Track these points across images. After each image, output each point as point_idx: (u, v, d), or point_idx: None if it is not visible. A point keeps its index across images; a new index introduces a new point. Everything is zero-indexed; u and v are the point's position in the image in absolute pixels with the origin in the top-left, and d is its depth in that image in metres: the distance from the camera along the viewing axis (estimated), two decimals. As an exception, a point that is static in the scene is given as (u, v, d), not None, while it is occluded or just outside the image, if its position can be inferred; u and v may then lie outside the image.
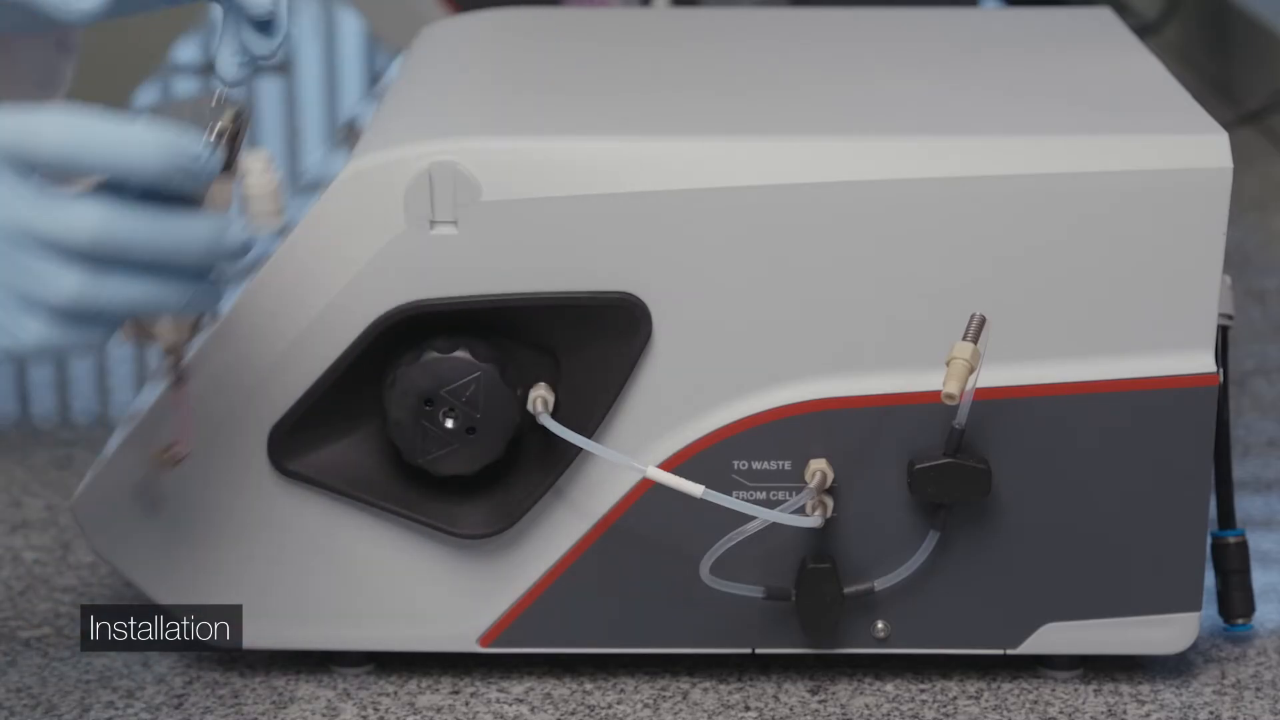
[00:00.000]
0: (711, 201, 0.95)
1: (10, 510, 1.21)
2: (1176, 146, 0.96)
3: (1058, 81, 1.07)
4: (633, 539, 0.99)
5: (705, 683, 1.02)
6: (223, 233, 0.85)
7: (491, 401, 0.96)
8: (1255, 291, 1.53)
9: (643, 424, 0.98)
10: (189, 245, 0.84)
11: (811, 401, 0.97)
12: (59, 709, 1.00)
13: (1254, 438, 1.29)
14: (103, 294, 0.83)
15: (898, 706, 1.00)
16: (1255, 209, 1.72)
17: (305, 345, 0.97)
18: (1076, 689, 1.01)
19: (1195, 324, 0.97)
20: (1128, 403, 0.97)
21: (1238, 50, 2.03)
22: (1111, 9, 1.23)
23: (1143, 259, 0.96)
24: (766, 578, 0.99)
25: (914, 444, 0.97)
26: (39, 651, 1.05)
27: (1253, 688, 1.02)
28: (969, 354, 0.93)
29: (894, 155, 0.96)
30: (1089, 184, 0.95)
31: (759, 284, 0.96)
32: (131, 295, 0.84)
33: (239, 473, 0.99)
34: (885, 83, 1.07)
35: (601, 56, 1.13)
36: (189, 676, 1.03)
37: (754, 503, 0.97)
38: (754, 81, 1.07)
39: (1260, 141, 1.88)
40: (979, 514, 0.98)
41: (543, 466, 0.98)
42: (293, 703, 1.01)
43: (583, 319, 0.97)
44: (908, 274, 0.96)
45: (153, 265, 0.84)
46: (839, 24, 1.22)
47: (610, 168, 0.95)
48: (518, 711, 1.00)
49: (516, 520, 0.99)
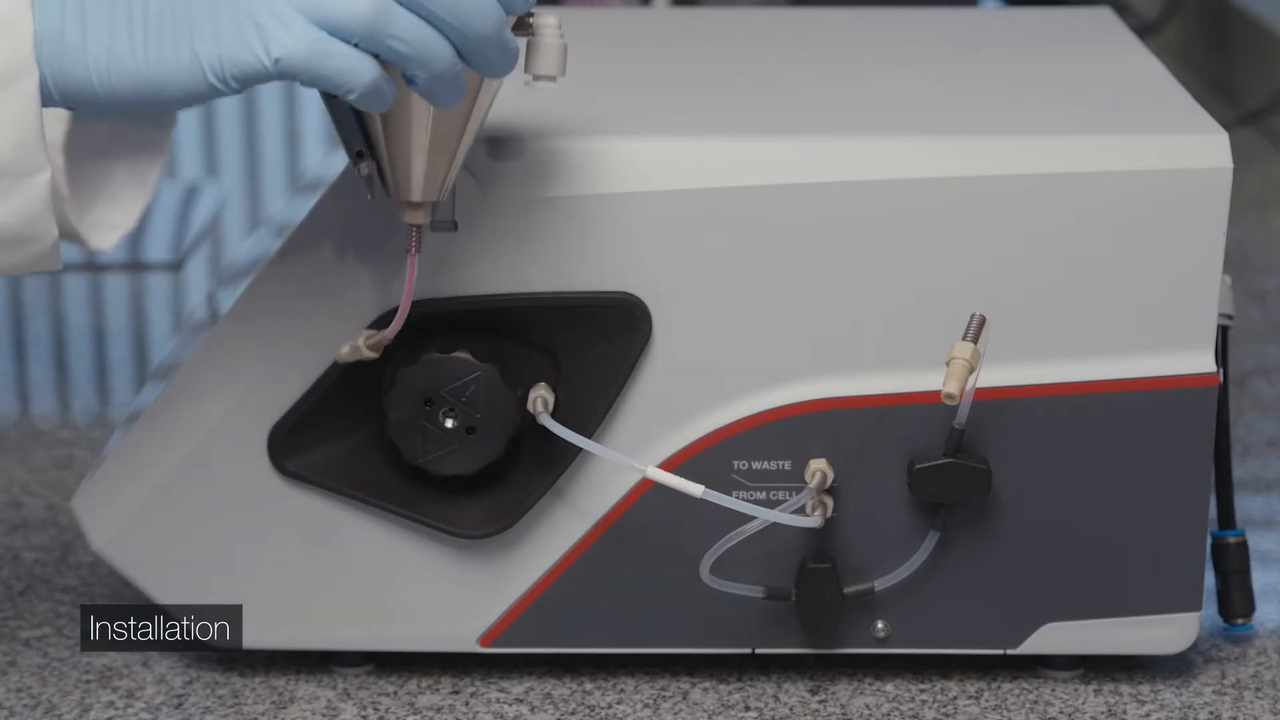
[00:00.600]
0: (711, 201, 0.95)
1: (10, 510, 1.21)
2: (1176, 146, 0.96)
3: (1058, 81, 1.07)
4: (633, 539, 0.99)
5: (705, 683, 1.02)
6: (507, 26, 0.86)
7: (491, 401, 0.96)
8: (1255, 291, 1.53)
9: (643, 424, 0.98)
10: (485, 16, 0.84)
11: (811, 401, 0.97)
12: (59, 709, 1.00)
13: (1254, 438, 1.30)
14: (395, 21, 0.83)
15: (898, 706, 1.00)
16: (1255, 209, 1.72)
17: (305, 345, 0.97)
18: (1076, 689, 1.01)
19: (1195, 324, 0.97)
20: (1128, 403, 0.97)
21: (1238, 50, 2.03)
22: (1111, 9, 1.23)
23: (1143, 259, 0.96)
24: (766, 578, 0.99)
25: (914, 444, 0.97)
26: (39, 651, 1.05)
27: (1253, 688, 1.02)
28: (969, 354, 0.93)
29: (894, 155, 0.96)
30: (1089, 184, 0.95)
31: (759, 284, 0.96)
32: (417, 33, 0.83)
33: (239, 473, 0.99)
34: (885, 83, 1.07)
35: (601, 56, 1.13)
36: (189, 676, 1.03)
37: (754, 503, 0.97)
38: (754, 81, 1.07)
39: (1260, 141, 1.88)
40: (979, 514, 0.98)
41: (543, 466, 0.98)
42: (293, 703, 1.01)
43: (583, 319, 0.97)
44: (908, 274, 0.96)
45: (440, 21, 0.84)
46: (839, 24, 1.22)
47: (610, 168, 0.95)
48: (518, 711, 1.00)
49: (516, 520, 0.99)
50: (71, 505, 1.02)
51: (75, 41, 0.83)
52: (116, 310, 1.55)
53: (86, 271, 1.58)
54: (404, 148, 0.90)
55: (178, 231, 1.66)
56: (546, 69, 0.91)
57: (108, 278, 1.59)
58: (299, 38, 0.82)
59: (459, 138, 0.90)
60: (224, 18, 0.83)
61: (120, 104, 0.84)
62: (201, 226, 1.67)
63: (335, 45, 0.83)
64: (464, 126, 0.90)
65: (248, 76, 0.83)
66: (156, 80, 0.84)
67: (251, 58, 0.83)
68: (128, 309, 1.56)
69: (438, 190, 0.91)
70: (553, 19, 0.91)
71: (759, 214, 0.96)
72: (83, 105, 0.85)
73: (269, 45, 0.82)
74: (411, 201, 0.91)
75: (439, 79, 0.85)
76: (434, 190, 0.91)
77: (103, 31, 0.83)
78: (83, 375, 1.44)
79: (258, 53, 0.83)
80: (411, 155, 0.90)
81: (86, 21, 0.83)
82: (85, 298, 1.57)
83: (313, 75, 0.83)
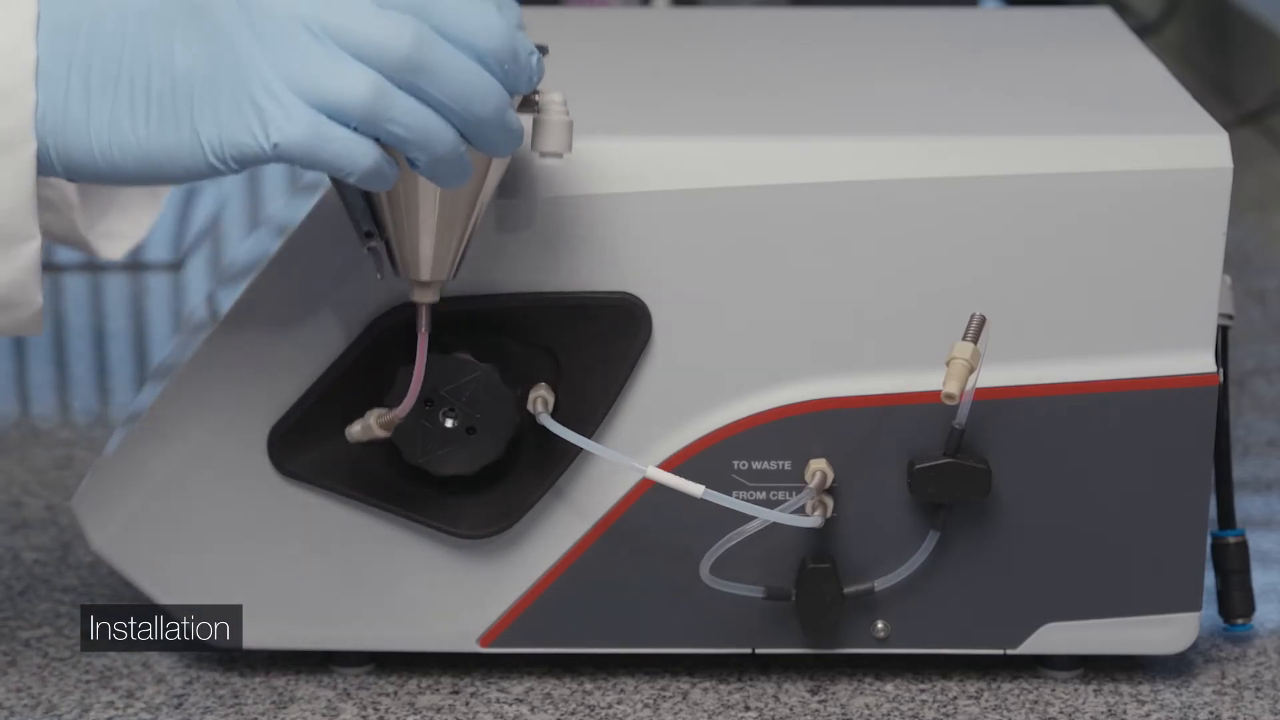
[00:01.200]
0: (711, 201, 0.95)
1: (10, 510, 1.21)
2: (1176, 146, 0.96)
3: (1058, 81, 1.07)
4: (633, 539, 0.99)
5: (705, 683, 1.02)
6: (510, 108, 0.86)
7: (491, 401, 0.96)
8: (1255, 291, 1.53)
9: (643, 424, 0.98)
10: (485, 99, 0.84)
11: (811, 401, 0.97)
12: (59, 709, 1.00)
13: (1254, 438, 1.30)
14: (395, 104, 0.83)
15: (898, 706, 1.00)
16: (1255, 209, 1.72)
17: (305, 345, 0.97)
18: (1076, 689, 1.01)
19: (1195, 324, 0.97)
20: (1128, 403, 0.97)
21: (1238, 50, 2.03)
22: (1111, 9, 1.23)
23: (1143, 259, 0.96)
24: (766, 578, 0.99)
25: (914, 444, 0.97)
26: (39, 651, 1.05)
27: (1253, 688, 1.02)
28: (969, 354, 0.93)
29: (894, 155, 0.96)
30: (1089, 184, 0.95)
31: (759, 284, 0.96)
32: (416, 117, 0.83)
33: (239, 473, 0.99)
34: (885, 83, 1.07)
35: (601, 56, 1.13)
36: (189, 676, 1.03)
37: (754, 503, 0.97)
38: (754, 81, 1.07)
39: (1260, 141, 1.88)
40: (979, 514, 0.98)
41: (543, 466, 0.98)
42: (293, 703, 1.01)
43: (583, 319, 0.97)
44: (908, 274, 0.96)
45: (440, 105, 0.84)
46: (839, 24, 1.22)
47: (611, 167, 0.95)
48: (518, 711, 1.00)
49: (516, 520, 0.99)
50: (71, 505, 1.02)
51: (78, 115, 0.83)
52: (116, 310, 1.55)
53: (86, 271, 1.58)
54: (411, 227, 0.90)
55: (178, 231, 1.66)
56: (553, 146, 0.91)
57: (108, 278, 1.59)
58: (297, 122, 0.82)
59: (467, 216, 0.90)
60: (224, 99, 0.82)
61: (121, 178, 0.84)
62: (201, 226, 1.67)
63: (334, 129, 0.83)
64: (472, 205, 0.90)
65: (247, 158, 0.83)
66: (157, 157, 0.84)
67: (251, 140, 0.82)
68: (128, 309, 1.56)
69: (447, 269, 0.91)
70: (558, 96, 0.91)
71: (759, 214, 0.95)
72: (85, 177, 0.85)
73: (268, 129, 0.82)
74: (421, 281, 0.91)
75: (441, 162, 0.85)
76: (443, 269, 0.91)
77: (105, 106, 0.83)
78: (83, 375, 1.44)
79: (257, 135, 0.82)
80: (419, 235, 0.90)
81: (90, 96, 0.83)
82: (85, 298, 1.57)
83: (311, 160, 0.83)
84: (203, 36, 0.82)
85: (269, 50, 0.82)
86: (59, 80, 0.83)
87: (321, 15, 0.82)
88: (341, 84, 0.82)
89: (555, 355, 0.98)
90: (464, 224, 0.90)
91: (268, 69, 0.82)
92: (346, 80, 0.82)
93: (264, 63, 0.82)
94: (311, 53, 0.82)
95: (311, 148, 0.82)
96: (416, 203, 0.89)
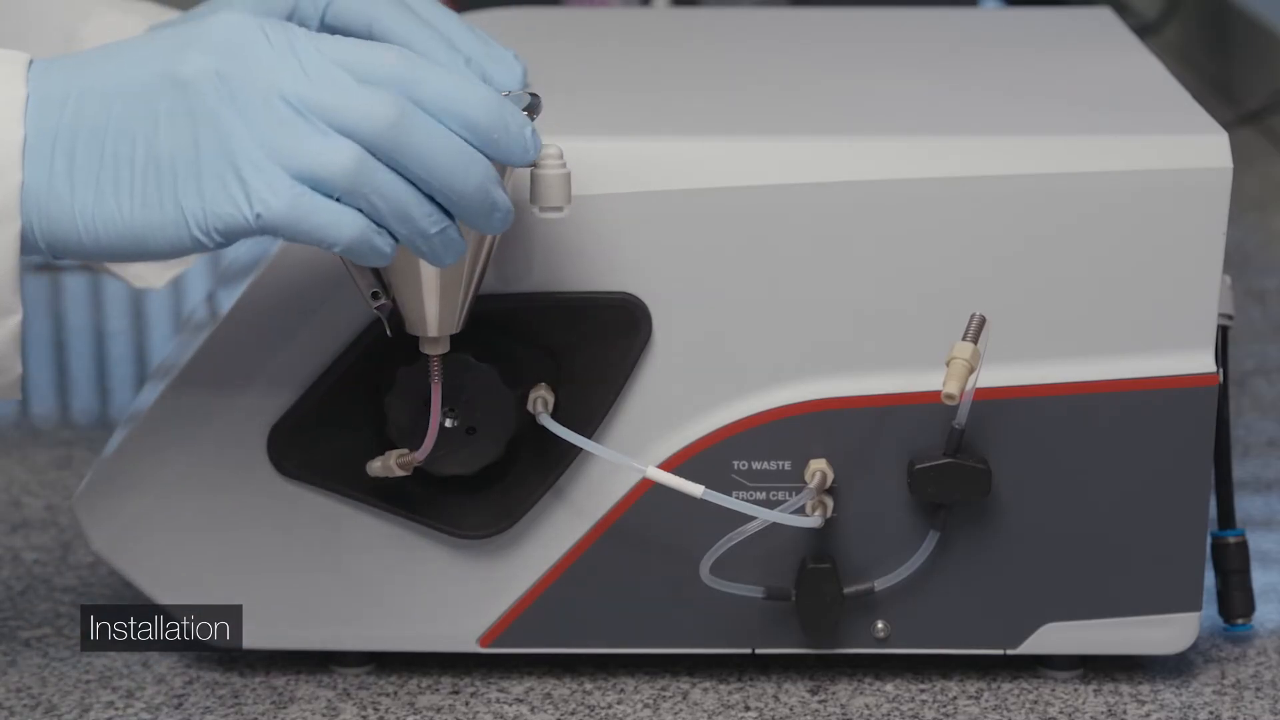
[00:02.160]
0: (711, 201, 0.95)
1: (10, 510, 1.21)
2: (1176, 146, 0.96)
3: (1058, 81, 1.07)
4: (633, 539, 0.99)
5: (705, 683, 1.02)
6: (496, 184, 0.85)
7: (491, 401, 0.96)
8: (1255, 291, 1.53)
9: (643, 424, 0.98)
10: (466, 175, 0.84)
11: (811, 401, 0.97)
12: (59, 709, 1.00)
13: (1254, 438, 1.30)
14: (375, 177, 0.83)
15: (898, 706, 1.00)
16: (1255, 209, 1.72)
17: (305, 345, 0.97)
18: (1076, 689, 1.01)
19: (1195, 324, 0.97)
20: (1128, 403, 0.97)
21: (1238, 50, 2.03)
22: (1111, 9, 1.23)
23: (1143, 259, 0.96)
24: (766, 578, 0.99)
25: (914, 444, 0.97)
26: (39, 651, 1.05)
27: (1253, 688, 1.02)
28: (969, 354, 0.93)
29: (894, 155, 0.96)
30: (1089, 184, 0.95)
31: (759, 284, 0.96)
32: (398, 193, 0.83)
33: (239, 473, 0.99)
34: (885, 83, 1.07)
35: (601, 57, 1.13)
36: (189, 676, 1.03)
37: (754, 503, 0.97)
38: (754, 81, 1.07)
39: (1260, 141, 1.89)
40: (979, 514, 0.98)
41: (543, 466, 0.98)
42: (293, 703, 1.01)
43: (583, 319, 0.97)
44: (908, 274, 0.96)
45: (422, 180, 0.84)
46: (839, 24, 1.22)
47: (611, 167, 0.95)
48: (518, 711, 1.00)
49: (516, 520, 0.99)
50: (71, 505, 1.02)
51: (62, 193, 0.83)
52: (116, 310, 1.55)
53: (86, 271, 1.58)
54: (415, 290, 0.90)
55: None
56: (552, 201, 0.90)
57: (108, 278, 1.59)
58: (280, 193, 0.82)
59: (471, 273, 0.91)
60: (207, 172, 0.83)
61: (106, 254, 0.85)
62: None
63: (317, 200, 0.83)
64: (475, 262, 0.90)
65: (232, 231, 0.83)
66: (141, 232, 0.84)
67: (234, 211, 0.83)
68: (128, 309, 1.56)
69: (454, 324, 0.91)
70: (554, 149, 0.90)
71: (759, 214, 0.96)
72: (69, 253, 0.85)
73: (251, 200, 0.82)
74: (429, 337, 0.92)
75: (421, 236, 0.85)
76: (450, 325, 0.91)
77: (89, 184, 0.83)
78: (83, 375, 1.44)
79: (240, 207, 0.82)
80: (424, 297, 0.90)
81: (74, 174, 0.83)
82: (85, 298, 1.57)
83: (294, 230, 0.83)
84: (186, 112, 0.83)
85: (251, 124, 0.82)
86: (43, 158, 0.83)
87: (302, 90, 0.83)
88: (323, 156, 0.82)
89: (555, 355, 0.98)
90: (468, 282, 0.91)
91: (250, 142, 0.82)
92: (328, 152, 0.82)
93: (246, 136, 0.82)
94: (293, 126, 0.82)
95: (294, 218, 0.83)
96: (418, 266, 0.89)
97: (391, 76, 0.84)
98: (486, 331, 0.97)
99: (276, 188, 0.82)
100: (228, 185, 0.82)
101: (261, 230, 0.83)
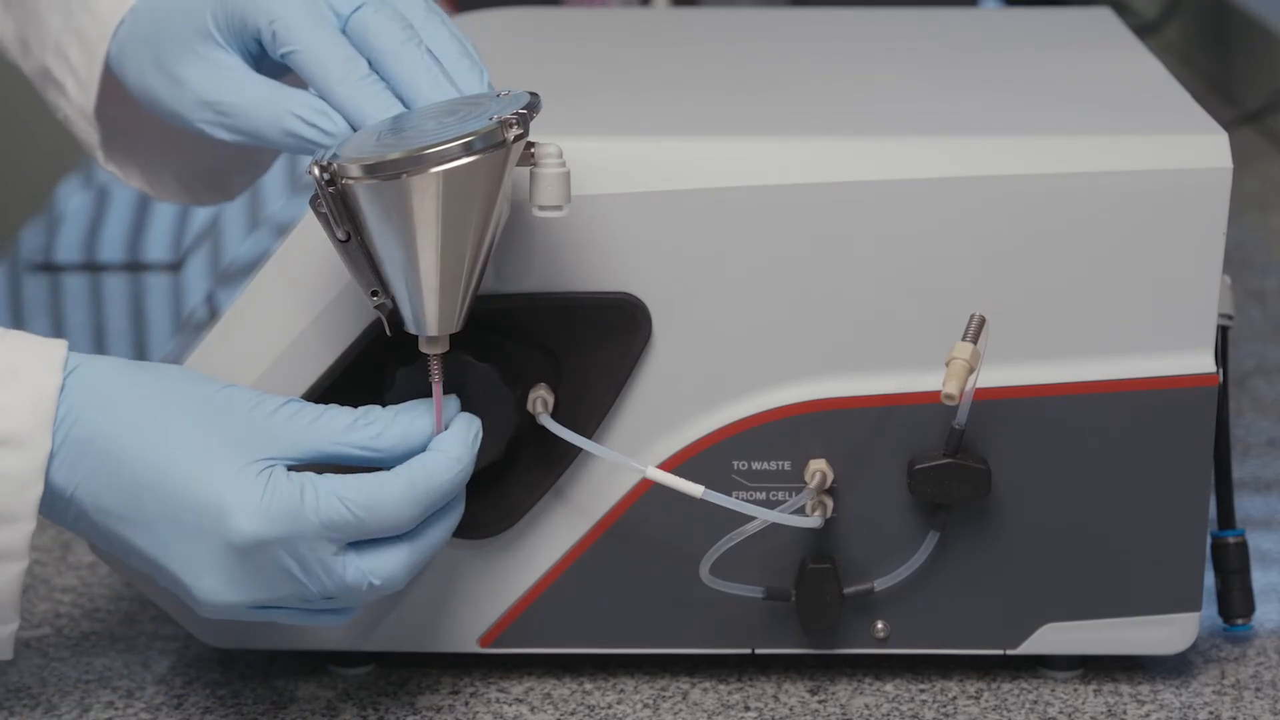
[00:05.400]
0: (711, 201, 0.95)
1: (10, 510, 1.21)
2: (1176, 146, 0.96)
3: (1058, 81, 1.07)
4: (633, 539, 0.99)
5: (705, 683, 1.02)
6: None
7: (491, 401, 0.96)
8: (1255, 291, 1.53)
9: (643, 424, 0.98)
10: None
11: (811, 401, 0.97)
12: (59, 709, 1.00)
13: (1254, 438, 1.30)
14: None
15: (898, 706, 1.00)
16: (1255, 209, 1.72)
17: (305, 345, 0.97)
18: (1076, 689, 1.01)
19: (1195, 324, 0.97)
20: (1128, 403, 0.97)
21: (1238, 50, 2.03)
22: (1111, 9, 1.23)
23: (1142, 259, 0.96)
24: (766, 578, 0.99)
25: (914, 444, 0.97)
26: (39, 651, 1.05)
27: (1253, 688, 1.02)
28: (969, 354, 0.93)
29: (894, 155, 0.96)
30: (1089, 184, 0.95)
31: (759, 284, 0.96)
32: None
33: (239, 473, 0.99)
34: (885, 83, 1.07)
35: (601, 57, 1.13)
36: (189, 676, 1.03)
37: (754, 503, 0.97)
38: (754, 81, 1.07)
39: (1260, 141, 1.88)
40: (979, 514, 0.98)
41: (543, 466, 0.98)
42: (293, 703, 1.01)
43: (583, 319, 0.97)
44: (908, 274, 0.96)
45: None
46: (839, 24, 1.22)
47: (611, 168, 0.95)
48: (518, 711, 1.00)
49: (516, 520, 0.99)
50: (71, 505, 1.02)
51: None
52: (116, 310, 1.55)
53: (86, 271, 1.58)
54: (414, 289, 0.90)
55: (177, 231, 1.66)
56: (551, 200, 0.91)
57: (108, 278, 1.59)
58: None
59: (470, 272, 0.90)
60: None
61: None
62: (201, 226, 1.67)
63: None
64: (475, 261, 0.90)
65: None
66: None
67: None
68: (128, 309, 1.56)
69: (453, 323, 0.91)
70: (553, 148, 0.90)
71: (759, 214, 0.96)
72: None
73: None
74: (429, 336, 0.92)
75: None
76: (449, 324, 0.91)
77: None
78: (83, 375, 1.43)
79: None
80: (423, 296, 0.90)
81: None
82: (85, 298, 1.57)
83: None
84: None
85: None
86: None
87: None
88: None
89: (555, 355, 0.98)
90: (467, 280, 0.91)
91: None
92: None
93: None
94: None
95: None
96: (418, 266, 0.89)
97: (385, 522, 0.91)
98: (486, 331, 0.97)
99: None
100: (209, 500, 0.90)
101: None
